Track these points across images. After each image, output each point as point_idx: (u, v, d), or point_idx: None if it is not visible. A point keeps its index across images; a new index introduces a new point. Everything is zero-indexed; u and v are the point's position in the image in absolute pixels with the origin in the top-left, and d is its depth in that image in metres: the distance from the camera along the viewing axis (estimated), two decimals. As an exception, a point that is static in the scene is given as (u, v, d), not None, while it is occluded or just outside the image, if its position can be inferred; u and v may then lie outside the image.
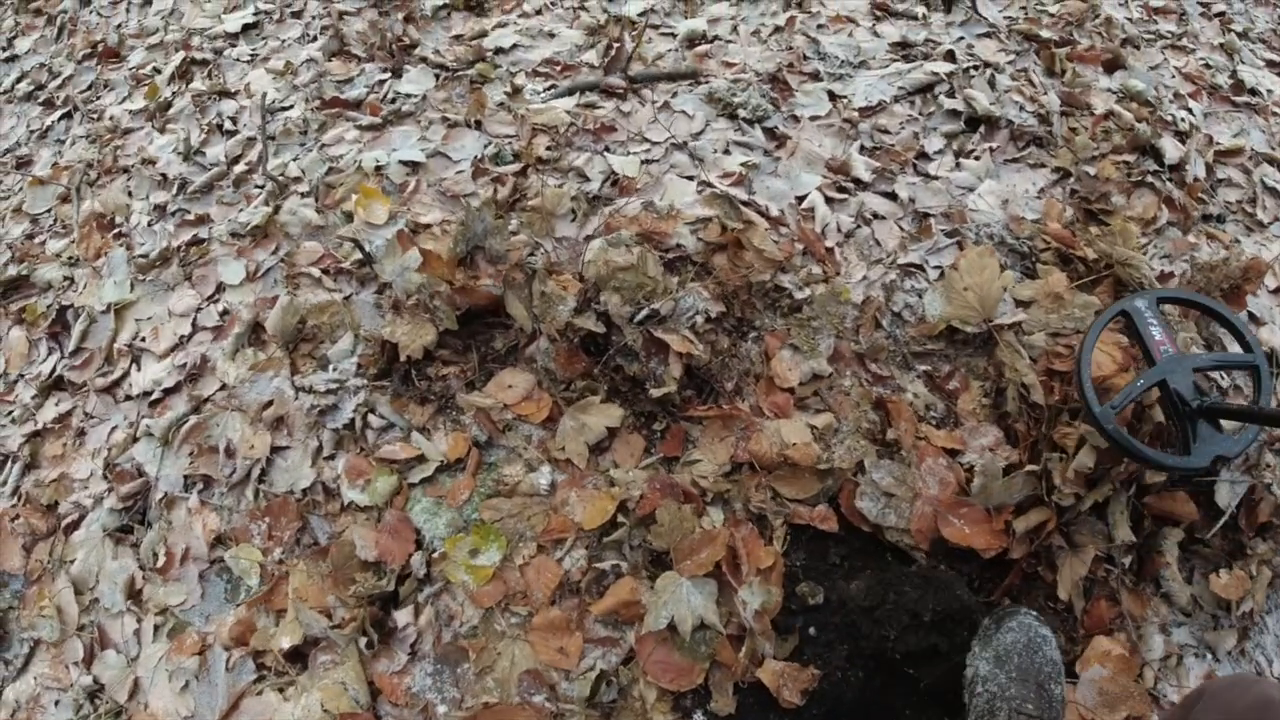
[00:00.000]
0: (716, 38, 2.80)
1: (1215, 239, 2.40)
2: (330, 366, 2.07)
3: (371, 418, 1.97)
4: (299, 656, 1.78)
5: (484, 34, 2.85)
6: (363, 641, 1.72)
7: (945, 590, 1.68)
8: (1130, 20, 3.08)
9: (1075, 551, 1.78)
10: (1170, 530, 1.87)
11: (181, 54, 3.23)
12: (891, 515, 1.79)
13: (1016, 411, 1.90)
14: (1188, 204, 2.40)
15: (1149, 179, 2.40)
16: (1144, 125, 2.51)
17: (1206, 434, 1.63)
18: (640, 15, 2.87)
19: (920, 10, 2.98)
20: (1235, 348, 1.85)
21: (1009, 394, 1.91)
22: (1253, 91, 2.92)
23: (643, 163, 2.33)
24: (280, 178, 2.48)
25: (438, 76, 2.71)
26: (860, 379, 1.98)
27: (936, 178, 2.33)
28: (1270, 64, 3.11)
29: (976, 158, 2.38)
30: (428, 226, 2.23)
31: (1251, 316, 2.27)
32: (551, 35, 2.83)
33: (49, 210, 2.98)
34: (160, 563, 1.97)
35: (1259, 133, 2.80)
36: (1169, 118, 2.65)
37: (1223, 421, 1.69)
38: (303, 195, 2.41)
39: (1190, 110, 2.74)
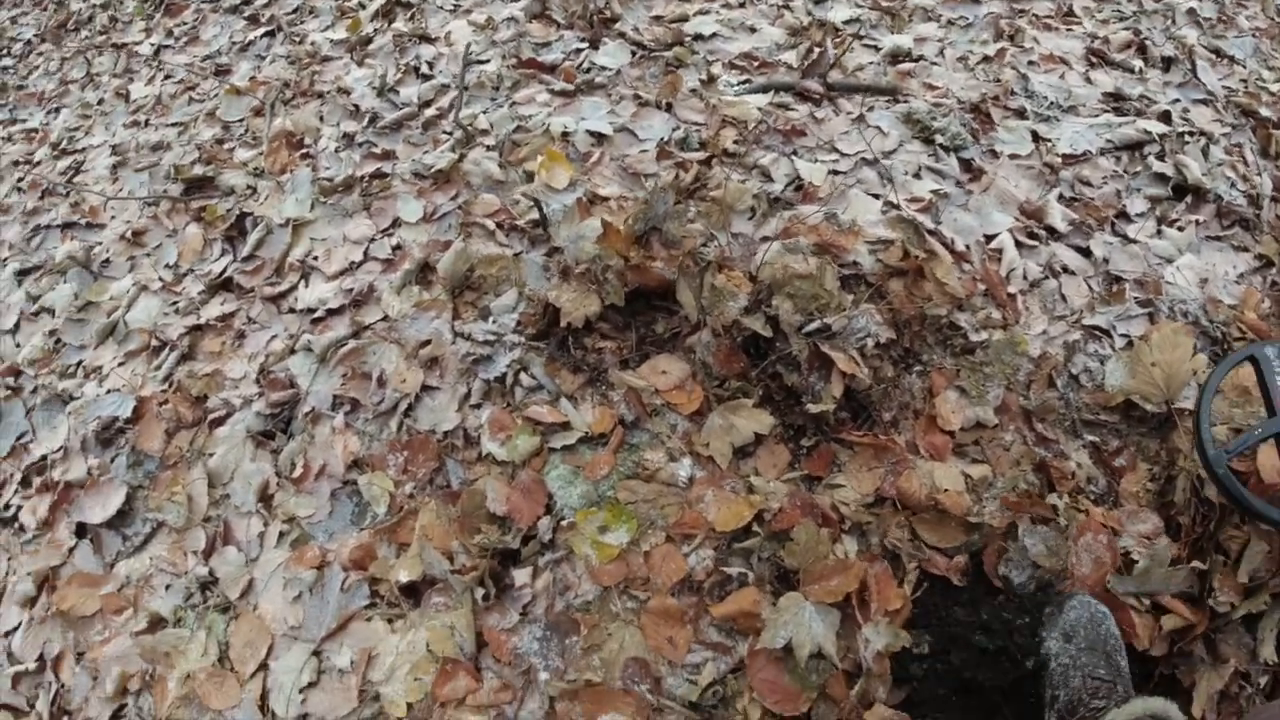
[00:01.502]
0: (921, 58, 2.72)
1: None
2: (491, 319, 2.10)
3: (523, 376, 1.99)
4: (413, 592, 1.81)
5: (685, 18, 2.84)
6: (479, 592, 1.74)
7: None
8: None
9: (1217, 664, 1.67)
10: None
11: (389, -9, 3.33)
12: (1033, 585, 1.71)
13: (1184, 503, 1.78)
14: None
15: (1363, 285, 2.22)
16: (1366, 228, 2.32)
17: None
18: (846, 23, 2.82)
19: (1138, 64, 2.83)
20: None
21: (1179, 483, 1.79)
22: None
23: (830, 172, 2.28)
24: (469, 128, 2.52)
25: (634, 54, 2.71)
26: (1024, 436, 1.89)
27: (1135, 241, 2.20)
28: None
29: (1180, 228, 2.24)
30: (605, 199, 2.24)
31: None
32: (753, 29, 2.80)
33: (241, 120, 3.13)
34: (296, 473, 2.04)
35: None
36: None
37: None
38: (488, 148, 2.46)
39: None
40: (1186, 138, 2.49)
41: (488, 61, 2.78)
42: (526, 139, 2.44)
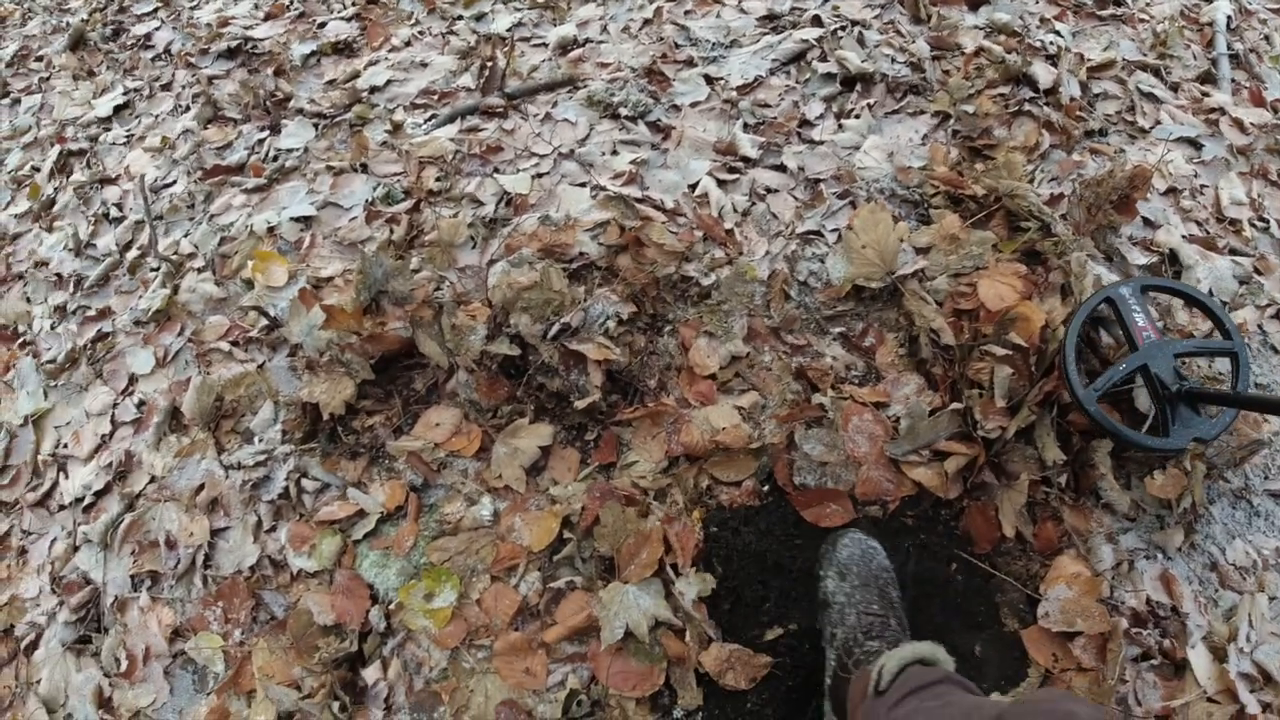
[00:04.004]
0: (588, 40, 2.81)
1: (1100, 153, 2.47)
2: (255, 438, 2.05)
3: (305, 482, 1.95)
4: (275, 733, 1.76)
5: (357, 75, 2.82)
6: (335, 706, 1.71)
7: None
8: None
9: (1010, 482, 1.82)
10: (1099, 442, 1.92)
11: (57, 148, 3.15)
12: (829, 482, 1.82)
13: (931, 357, 1.94)
14: (1068, 124, 2.46)
15: (1026, 107, 2.46)
16: (1014, 55, 2.57)
17: (1185, 416, 1.70)
18: (510, 30, 2.87)
19: (781, -20, 3.01)
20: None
21: (921, 341, 1.95)
22: (1117, 2, 2.99)
23: (534, 177, 2.34)
24: (174, 257, 2.44)
25: (316, 126, 2.68)
26: (779, 352, 2.01)
27: (821, 142, 2.36)
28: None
29: (857, 116, 2.42)
30: (330, 279, 2.22)
31: (1146, 221, 2.35)
32: (424, 65, 2.82)
33: (-51, 331, 2.90)
34: (124, 667, 1.94)
35: (1129, 42, 2.87)
36: (1038, 43, 2.71)
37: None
38: (199, 270, 2.38)
39: (1058, 32, 2.81)
40: (840, 33, 2.68)
41: (174, 183, 2.69)
42: (234, 248, 2.38)
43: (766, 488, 1.85)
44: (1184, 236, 2.32)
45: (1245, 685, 1.72)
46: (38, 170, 3.21)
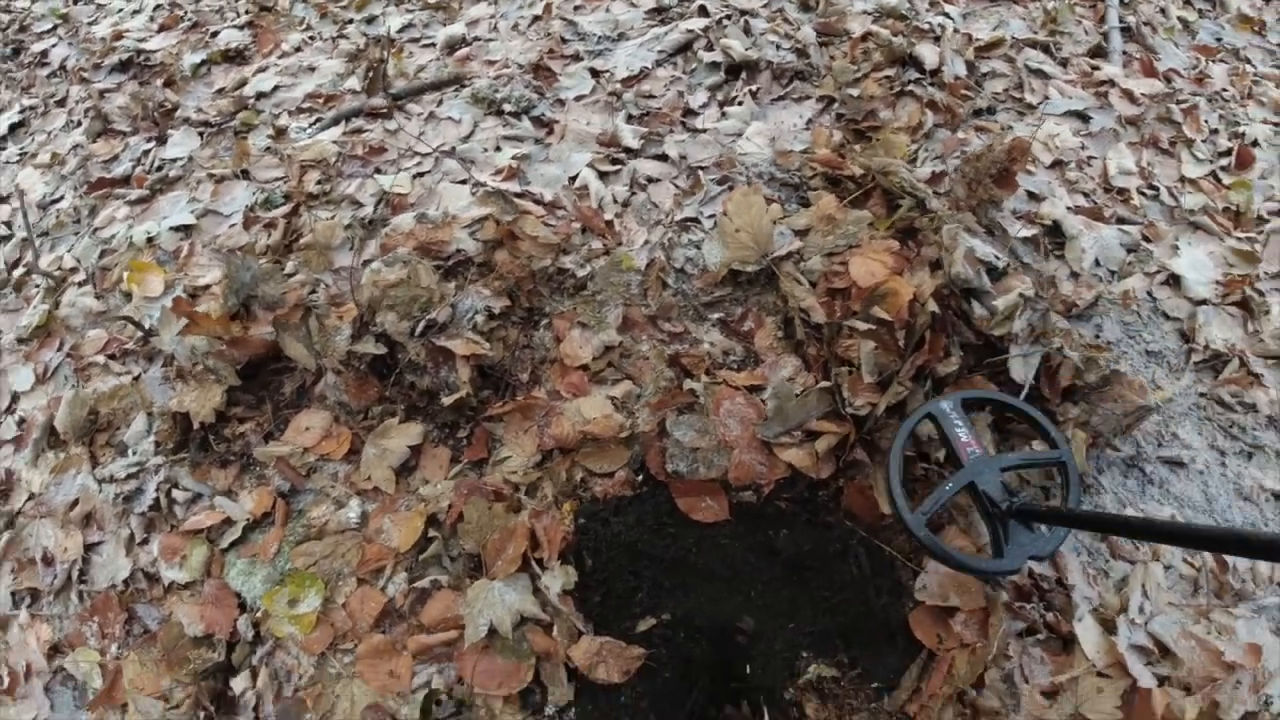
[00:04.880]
0: (477, 38, 2.79)
1: (986, 130, 2.48)
2: (129, 450, 2.01)
3: (176, 492, 1.92)
4: (145, 749, 1.72)
5: (245, 82, 2.79)
6: (201, 716, 1.67)
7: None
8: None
9: (884, 459, 1.81)
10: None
11: (-48, 170, 3.09)
12: (701, 469, 1.80)
13: (805, 337, 1.93)
14: (952, 103, 2.47)
15: (910, 88, 2.46)
16: (900, 38, 2.58)
17: (1018, 533, 1.59)
18: (400, 31, 2.84)
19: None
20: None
21: (795, 322, 1.94)
22: (1010, -18, 3.01)
23: (414, 177, 2.31)
24: (56, 272, 2.39)
25: (202, 134, 2.65)
26: (656, 341, 1.99)
27: (704, 130, 2.36)
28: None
29: (740, 103, 2.42)
30: (207, 287, 2.18)
31: (1031, 194, 2.35)
32: (312, 69, 2.79)
33: None
34: (5, 684, 1.90)
35: (1018, 20, 2.89)
36: (926, 25, 2.72)
37: None
38: (80, 284, 2.34)
39: (947, 14, 2.82)
40: (725, 22, 2.68)
41: (61, 199, 2.64)
42: (115, 259, 2.34)
43: (640, 478, 1.83)
44: (1069, 208, 2.33)
45: (1138, 658, 1.70)
46: (-67, 193, 3.15)
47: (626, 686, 1.66)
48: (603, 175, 2.25)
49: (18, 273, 2.53)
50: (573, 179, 2.25)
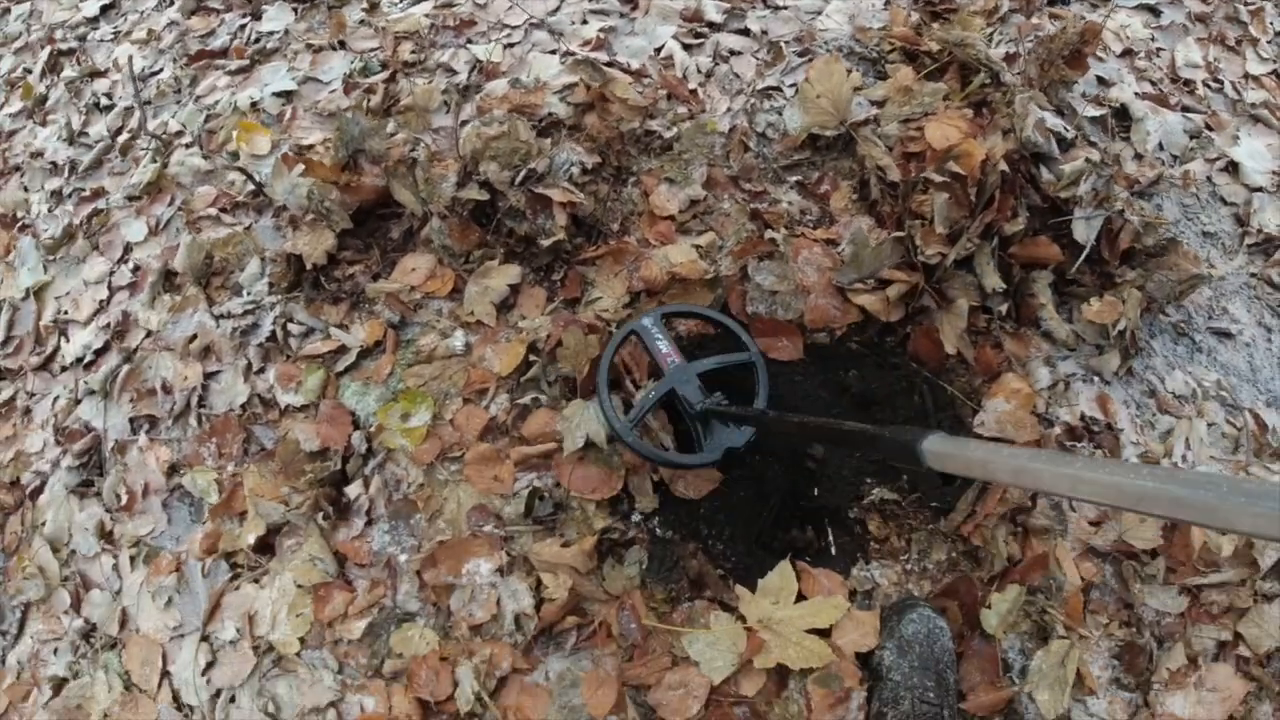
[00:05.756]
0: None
1: (1061, 18, 2.53)
2: (244, 291, 2.16)
3: (291, 326, 2.07)
4: (266, 548, 1.90)
5: (335, -41, 2.88)
6: (320, 516, 1.85)
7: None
8: None
9: (950, 305, 1.93)
10: (1039, 273, 2.03)
11: (48, 49, 3.23)
12: (779, 310, 1.93)
13: (880, 195, 2.04)
14: (1026, -11, 2.53)
15: (987, -28, 2.51)
16: (977, -76, 2.62)
17: (717, 429, 1.73)
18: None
19: None
20: None
21: (871, 182, 2.04)
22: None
23: (505, 47, 2.42)
24: (163, 135, 2.53)
25: (296, 10, 2.76)
26: (737, 199, 2.10)
27: (785, 7, 2.43)
28: None
29: (820, -19, 2.49)
30: (310, 147, 2.31)
31: (1100, 80, 2.42)
32: (402, -53, 2.88)
33: (-48, 225, 3.01)
34: (124, 502, 2.08)
35: (1098, -87, 2.91)
36: (1003, -87, 2.75)
37: None
38: (187, 146, 2.48)
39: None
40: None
41: (161, 70, 2.77)
42: (220, 124, 2.48)
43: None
44: (1136, 94, 2.40)
45: (1177, 502, 1.82)
46: (29, 72, 3.29)
47: (705, 500, 1.82)
48: (687, 47, 2.34)
49: (123, 138, 2.68)
50: (658, 50, 2.34)
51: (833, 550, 1.81)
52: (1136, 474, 0.66)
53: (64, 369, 2.35)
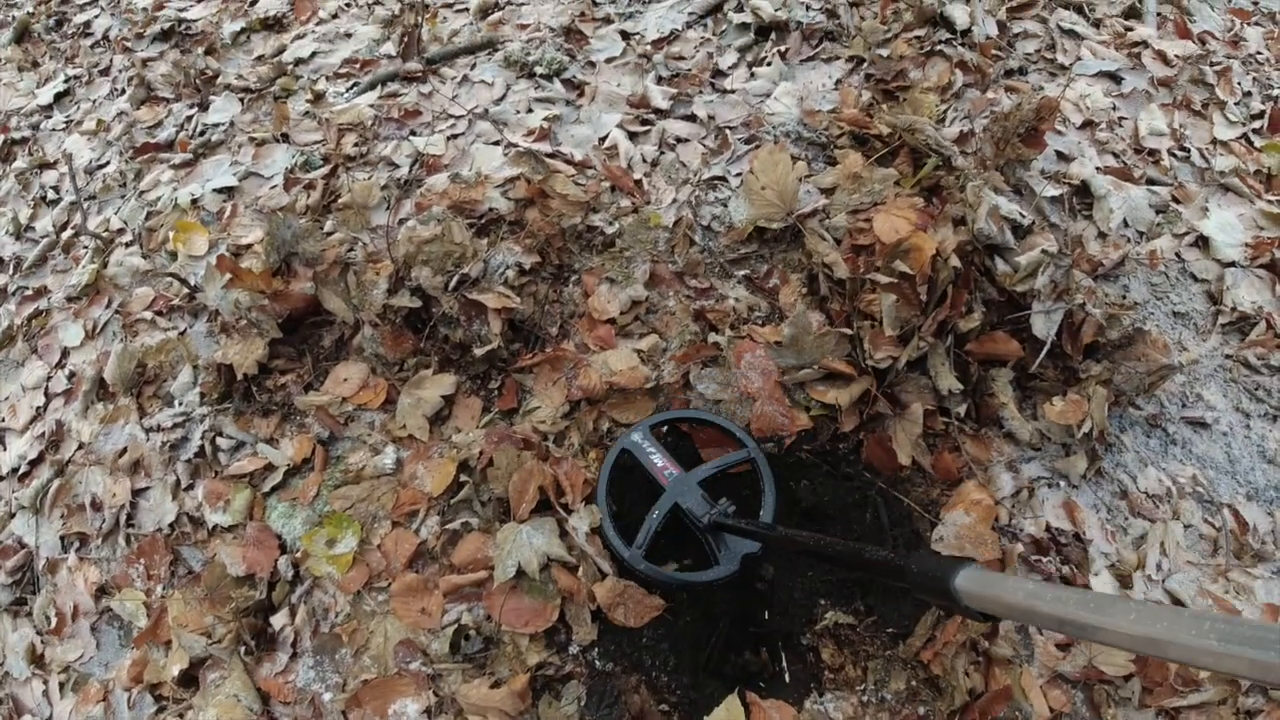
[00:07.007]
0: (509, 3, 2.82)
1: (1017, 91, 2.47)
2: (175, 401, 2.09)
3: (220, 440, 2.00)
4: (191, 681, 1.81)
5: (284, 49, 2.85)
6: (243, 651, 1.76)
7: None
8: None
9: (904, 412, 1.84)
10: (999, 371, 1.94)
11: (2, 138, 3.19)
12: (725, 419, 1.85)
13: (828, 292, 1.96)
14: (982, 63, 2.47)
15: (940, 48, 2.46)
16: (930, -2, 2.57)
17: (729, 539, 1.64)
18: (436, -3, 2.89)
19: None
20: None
21: (819, 277, 1.97)
22: (1045, -56, 2.98)
23: (448, 138, 2.36)
24: (104, 233, 2.48)
25: (243, 100, 2.71)
26: (681, 297, 2.03)
27: (733, 91, 2.38)
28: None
29: (769, 64, 2.43)
30: (249, 246, 2.25)
31: (1060, 154, 2.35)
32: (349, 35, 2.84)
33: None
34: (54, 624, 2.00)
35: (1053, -20, 2.86)
36: (957, -14, 2.71)
37: None
38: (127, 245, 2.42)
39: (980, -26, 2.80)
40: (756, -17, 2.68)
41: (107, 163, 2.73)
42: (160, 220, 2.42)
43: (665, 429, 1.88)
44: (1098, 168, 2.33)
45: (1154, 614, 1.72)
46: (-17, 161, 3.27)
47: (648, 628, 1.72)
48: (632, 135, 2.28)
49: (66, 234, 2.63)
50: (603, 139, 2.28)
51: (786, 677, 1.71)
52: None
53: (1, 479, 2.28)
